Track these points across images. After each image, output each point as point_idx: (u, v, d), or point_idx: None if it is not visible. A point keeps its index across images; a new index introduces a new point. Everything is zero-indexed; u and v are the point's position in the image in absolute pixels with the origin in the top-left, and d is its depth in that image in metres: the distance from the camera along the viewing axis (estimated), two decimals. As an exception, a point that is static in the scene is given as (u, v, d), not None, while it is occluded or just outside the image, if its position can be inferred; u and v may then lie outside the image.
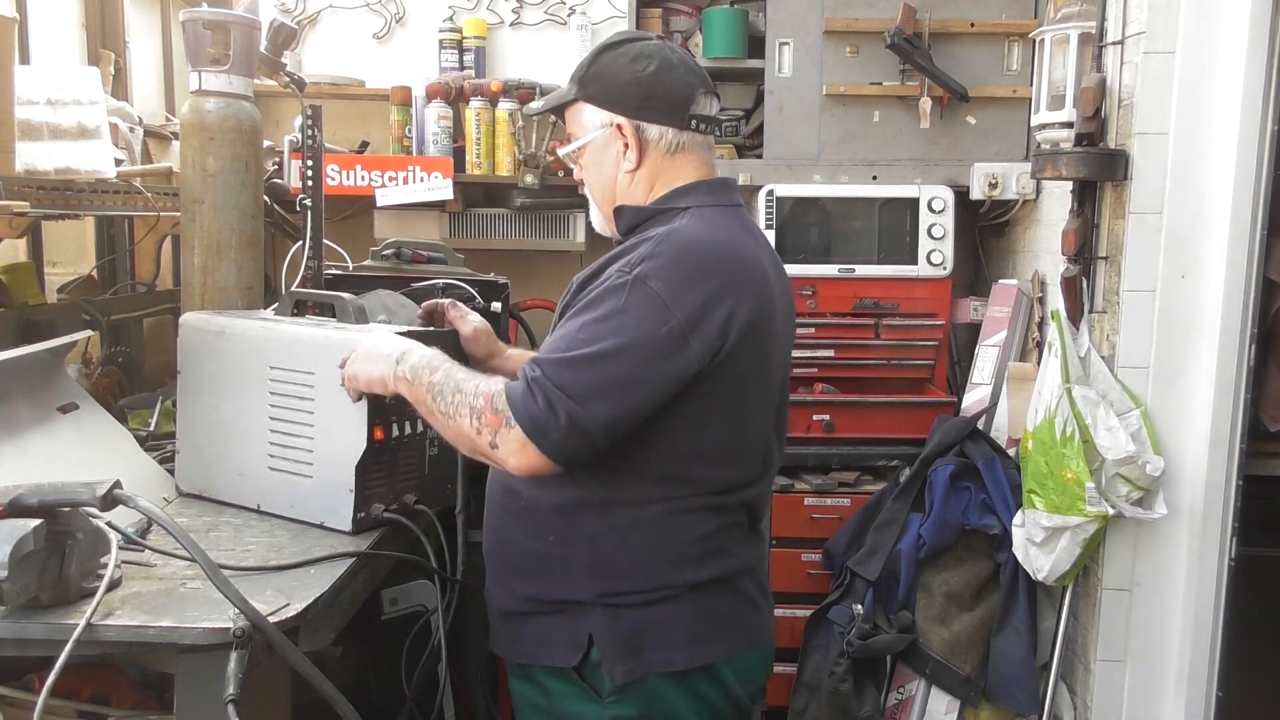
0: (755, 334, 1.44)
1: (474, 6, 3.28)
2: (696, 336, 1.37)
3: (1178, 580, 2.31)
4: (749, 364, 1.46)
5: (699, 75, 1.55)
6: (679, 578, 1.47)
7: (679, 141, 1.53)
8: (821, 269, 2.89)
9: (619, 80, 1.52)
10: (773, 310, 1.49)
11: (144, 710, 1.71)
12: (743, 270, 1.44)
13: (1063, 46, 2.43)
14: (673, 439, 1.44)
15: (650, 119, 1.52)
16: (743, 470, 1.53)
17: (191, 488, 1.93)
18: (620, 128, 1.52)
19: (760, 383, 1.51)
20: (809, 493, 2.78)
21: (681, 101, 1.52)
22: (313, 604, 1.46)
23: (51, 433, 1.84)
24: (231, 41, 2.08)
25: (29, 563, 1.31)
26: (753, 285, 1.45)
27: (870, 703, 2.52)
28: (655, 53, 1.53)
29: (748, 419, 1.50)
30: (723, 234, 1.47)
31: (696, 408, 1.43)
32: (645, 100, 1.51)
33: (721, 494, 1.50)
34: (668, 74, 1.51)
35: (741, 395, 1.47)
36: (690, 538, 1.47)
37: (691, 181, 1.54)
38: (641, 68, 1.51)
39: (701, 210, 1.50)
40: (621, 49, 1.54)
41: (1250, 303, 2.20)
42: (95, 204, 2.31)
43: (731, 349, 1.41)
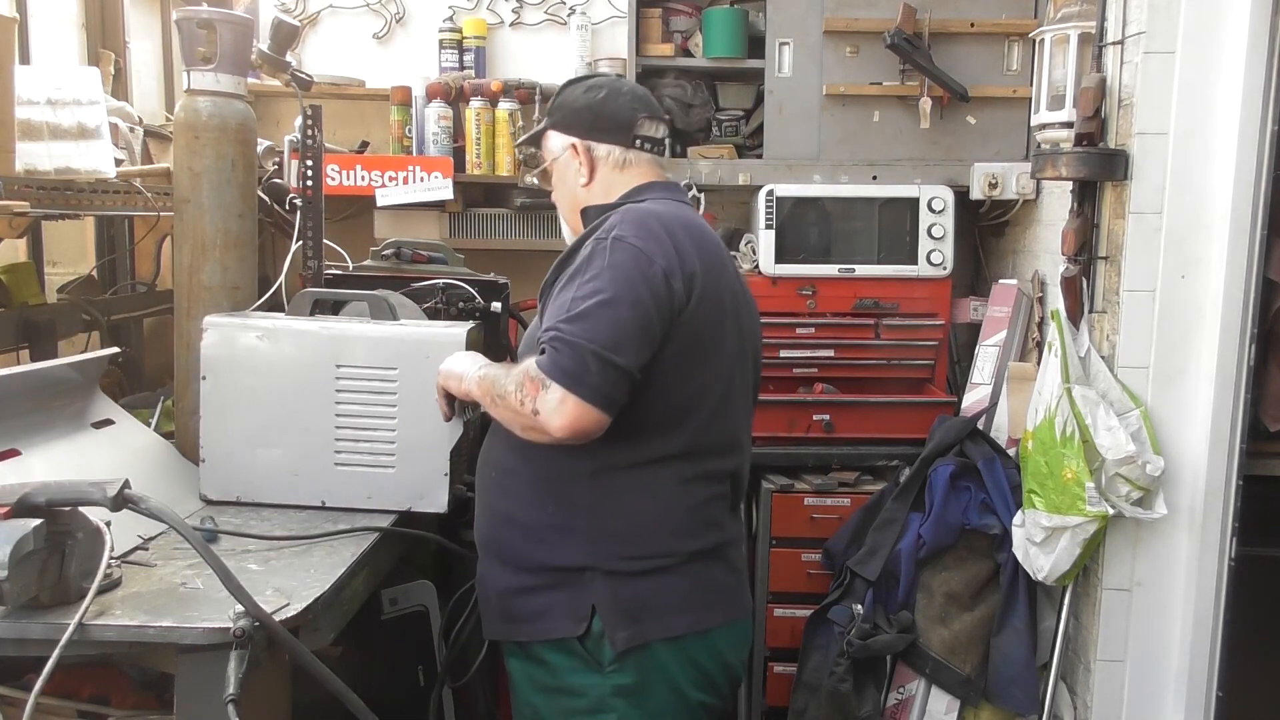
0: (710, 298, 1.60)
1: (474, 6, 3.28)
2: (675, 279, 1.54)
3: (1178, 580, 2.31)
4: (706, 326, 1.61)
5: (645, 103, 1.78)
6: (678, 546, 1.59)
7: (626, 158, 1.74)
8: (821, 269, 2.89)
9: (575, 106, 1.76)
10: (728, 287, 1.68)
11: (144, 710, 1.71)
12: (699, 240, 1.62)
13: (1063, 46, 2.43)
14: (652, 400, 1.55)
15: (599, 139, 1.74)
16: (720, 438, 1.66)
17: (223, 495, 1.95)
18: (575, 147, 1.74)
19: (718, 347, 1.64)
20: (809, 493, 2.78)
21: (626, 123, 1.73)
22: (313, 603, 1.46)
23: (85, 447, 1.87)
24: (219, 40, 2.08)
25: (29, 563, 1.31)
26: (708, 255, 1.63)
27: (870, 703, 2.52)
28: (606, 84, 1.77)
29: (711, 384, 1.63)
30: (682, 214, 1.68)
31: (669, 367, 1.56)
32: (594, 122, 1.74)
33: (705, 460, 1.63)
34: (614, 100, 1.75)
35: (703, 355, 1.61)
36: (686, 506, 1.60)
37: (648, 182, 1.74)
38: (592, 95, 1.75)
39: (660, 199, 1.70)
40: (581, 83, 1.79)
41: (1250, 303, 2.20)
42: (95, 204, 2.31)
43: (695, 304, 1.57)
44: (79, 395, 1.97)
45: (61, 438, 1.84)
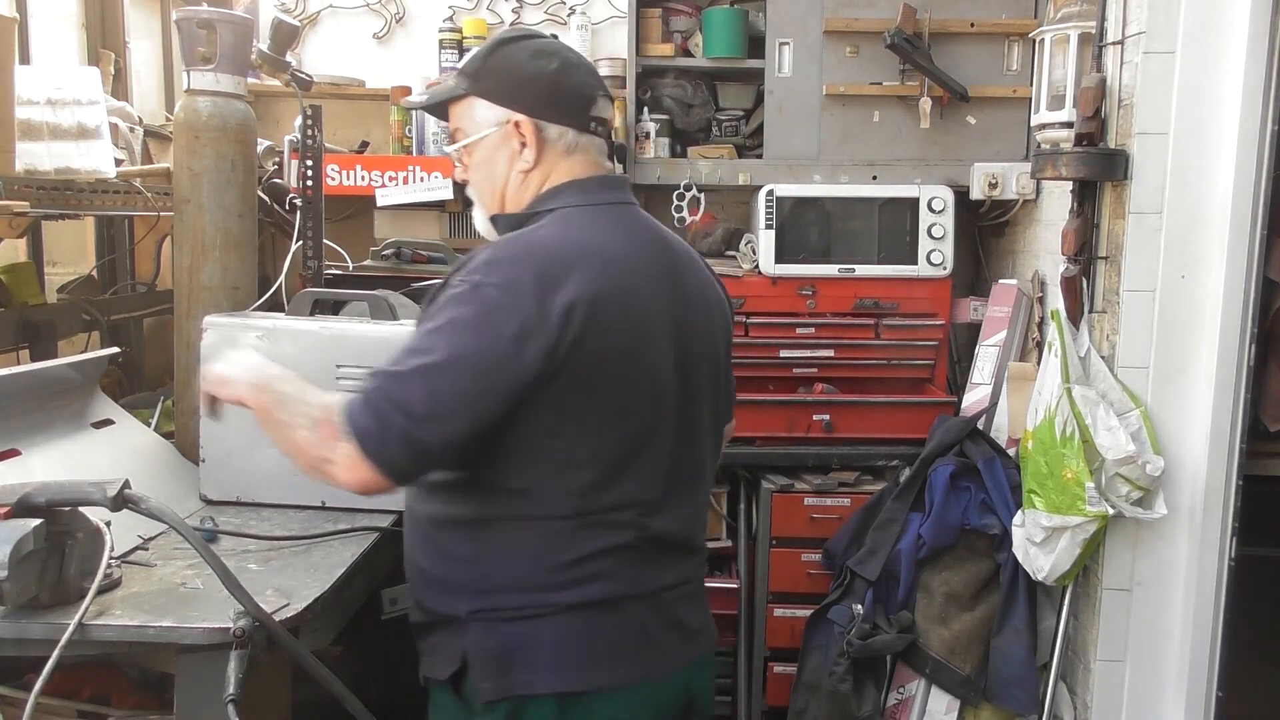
0: (609, 334, 1.36)
1: (474, 6, 3.28)
2: (533, 340, 1.31)
3: (1178, 580, 2.31)
4: (609, 368, 1.37)
5: (597, 77, 1.55)
6: (548, 599, 1.39)
7: (578, 142, 1.49)
8: (821, 269, 2.89)
9: (519, 76, 1.47)
10: (640, 310, 1.41)
11: (144, 710, 1.71)
12: (588, 265, 1.36)
13: (1063, 46, 2.43)
14: (531, 450, 1.38)
15: (552, 118, 1.48)
16: (627, 487, 1.41)
17: (223, 495, 1.95)
18: (519, 125, 1.47)
19: (632, 388, 1.40)
20: (809, 493, 2.78)
21: (584, 102, 1.49)
22: (313, 603, 1.47)
23: (85, 447, 1.87)
24: (219, 40, 2.08)
25: (29, 563, 1.31)
26: (605, 282, 1.36)
27: (870, 703, 2.52)
28: (557, 50, 1.50)
29: (620, 428, 1.40)
30: (575, 232, 1.42)
31: (550, 415, 1.36)
32: (549, 97, 1.47)
33: (602, 512, 1.40)
34: (570, 73, 1.49)
35: (603, 401, 1.38)
36: (563, 559, 1.39)
37: (568, 181, 1.48)
38: (544, 65, 1.47)
39: (564, 212, 1.45)
40: (521, 44, 1.49)
41: (1250, 303, 2.19)
42: (95, 204, 2.31)
43: (577, 349, 1.33)
44: (79, 395, 1.97)
45: (61, 438, 1.85)
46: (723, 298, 1.63)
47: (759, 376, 2.94)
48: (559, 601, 1.39)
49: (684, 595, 1.51)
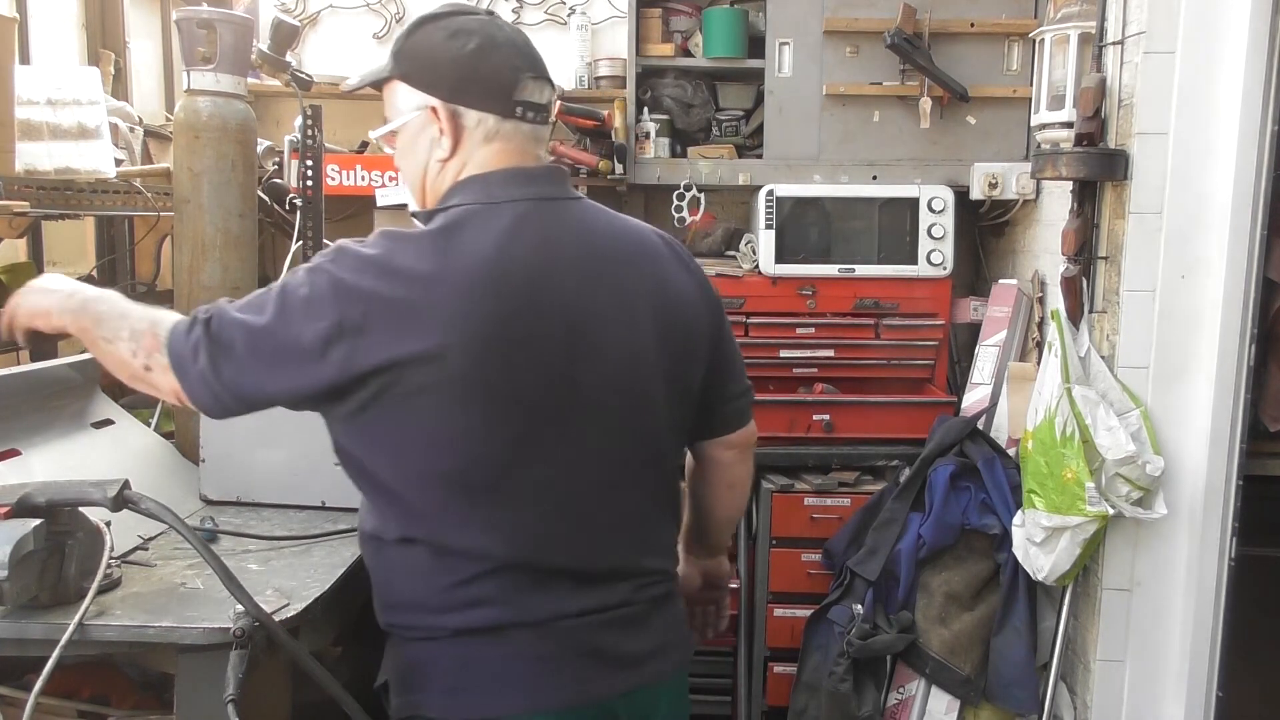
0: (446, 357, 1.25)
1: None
2: (338, 346, 1.24)
3: (1178, 580, 2.31)
4: (443, 390, 1.26)
5: (528, 57, 1.39)
6: (438, 622, 1.34)
7: (500, 129, 1.37)
8: (821, 269, 2.89)
9: (435, 58, 1.37)
10: (500, 329, 1.27)
11: (144, 710, 1.71)
12: (430, 289, 1.26)
13: (1063, 46, 2.43)
14: (390, 472, 1.33)
15: (468, 103, 1.36)
16: (489, 513, 1.31)
17: (223, 495, 1.95)
18: (435, 111, 1.36)
19: (496, 405, 1.28)
20: (809, 493, 2.78)
21: (504, 85, 1.36)
22: (313, 603, 1.46)
23: (85, 447, 1.87)
24: (219, 40, 2.08)
25: (29, 563, 1.31)
26: (447, 307, 1.25)
27: (870, 703, 2.52)
28: (478, 29, 1.37)
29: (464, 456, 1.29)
30: (438, 235, 1.31)
31: (386, 435, 1.30)
32: (463, 82, 1.36)
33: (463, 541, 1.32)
34: (490, 54, 1.36)
35: (460, 416, 1.27)
36: (444, 582, 1.33)
37: (480, 173, 1.37)
38: (460, 45, 1.36)
39: (453, 211, 1.34)
40: (441, 23, 1.38)
41: (1250, 303, 2.19)
42: (95, 204, 2.31)
43: (398, 370, 1.25)
44: (79, 395, 1.97)
45: (61, 438, 1.85)
46: (695, 301, 1.47)
47: (759, 376, 2.92)
48: (447, 625, 1.34)
49: (606, 623, 1.38)
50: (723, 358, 1.53)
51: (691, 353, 1.46)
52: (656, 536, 1.48)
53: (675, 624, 1.49)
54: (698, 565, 1.77)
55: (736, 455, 1.63)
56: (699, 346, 1.47)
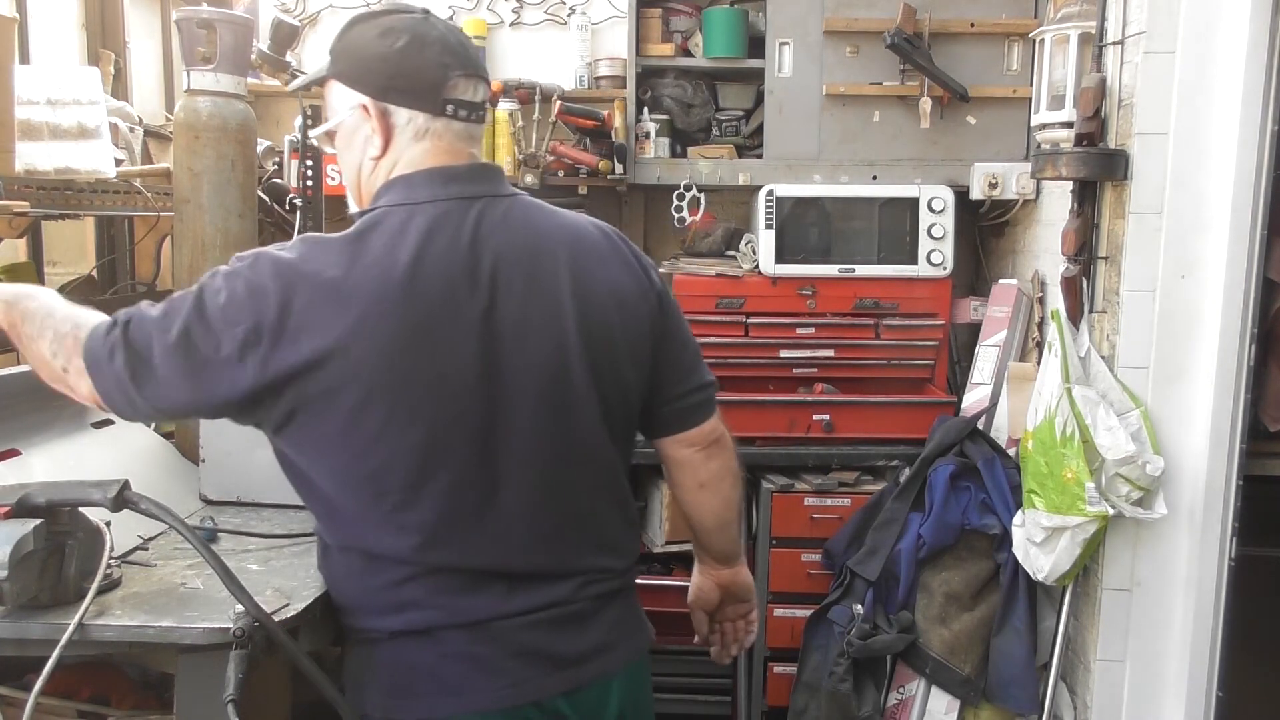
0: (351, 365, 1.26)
1: (474, 6, 3.27)
2: (254, 352, 1.25)
3: (1178, 580, 2.31)
4: (350, 395, 1.26)
5: (460, 55, 1.38)
6: (375, 624, 1.36)
7: (430, 128, 1.37)
8: (821, 269, 2.89)
9: (365, 56, 1.38)
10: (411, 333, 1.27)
11: (144, 710, 1.71)
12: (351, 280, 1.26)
13: (1063, 46, 2.43)
14: (314, 476, 1.34)
15: (397, 101, 1.36)
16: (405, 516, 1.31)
17: (223, 495, 1.95)
18: (366, 109, 1.37)
19: (405, 408, 1.28)
20: (809, 493, 2.78)
21: (433, 83, 1.36)
22: (313, 603, 1.46)
23: (85, 447, 1.87)
24: (219, 40, 2.08)
25: (29, 563, 1.31)
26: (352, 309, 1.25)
27: (870, 703, 2.52)
28: (407, 27, 1.37)
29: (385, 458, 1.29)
30: (353, 239, 1.31)
31: (308, 440, 1.31)
32: (392, 79, 1.36)
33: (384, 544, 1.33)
34: (419, 52, 1.36)
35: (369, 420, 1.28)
36: (375, 584, 1.34)
37: (407, 173, 1.37)
38: (389, 43, 1.36)
39: (375, 213, 1.35)
40: (373, 21, 1.40)
41: (1250, 303, 2.19)
42: (95, 204, 2.31)
43: (305, 375, 1.25)
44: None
45: (61, 438, 1.85)
46: (633, 296, 1.45)
47: (759, 376, 2.94)
48: (383, 628, 1.35)
49: (542, 622, 1.37)
50: (670, 354, 1.51)
51: (627, 349, 1.44)
52: (600, 534, 1.45)
53: (623, 620, 1.48)
54: (710, 576, 1.73)
55: (701, 453, 1.59)
56: (637, 343, 1.45)
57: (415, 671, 1.35)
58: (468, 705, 1.34)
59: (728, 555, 1.72)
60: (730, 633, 1.78)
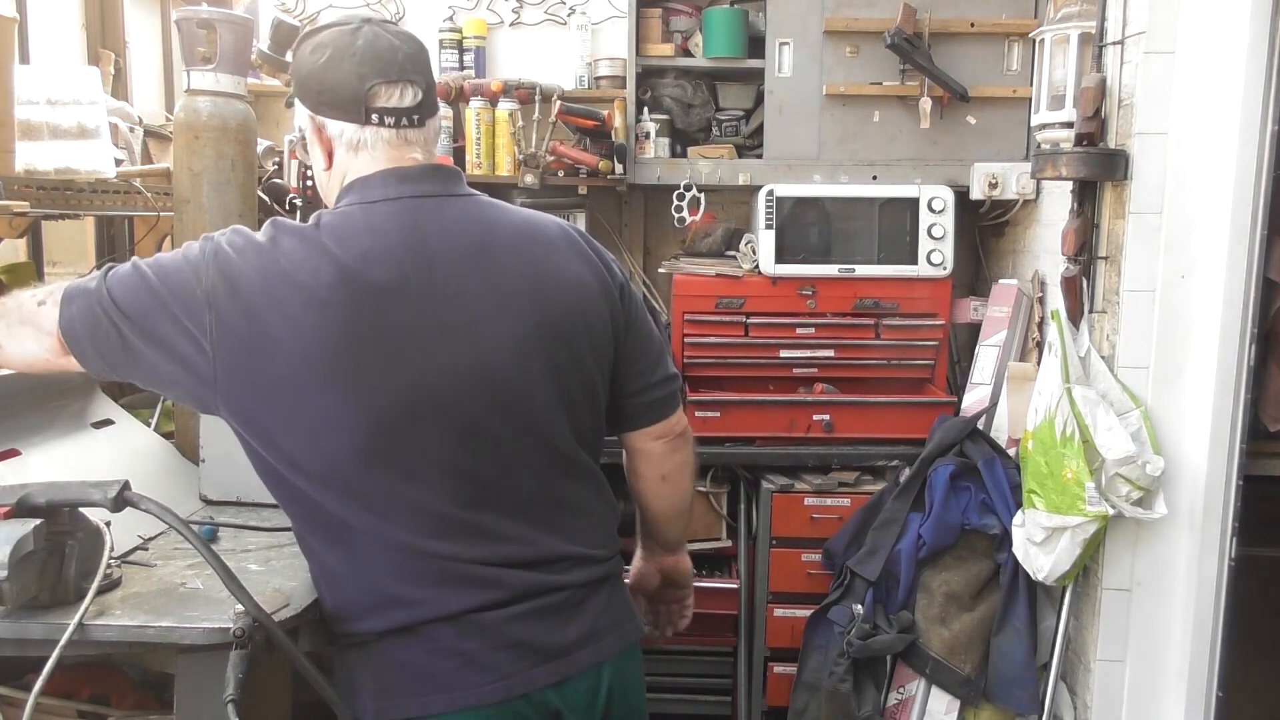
0: (304, 360, 1.28)
1: (474, 6, 3.27)
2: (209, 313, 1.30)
3: (1178, 580, 2.31)
4: (326, 373, 1.29)
5: (381, 64, 1.38)
6: (360, 627, 1.38)
7: (360, 138, 1.40)
8: (821, 269, 2.89)
9: (302, 74, 1.43)
10: (377, 321, 1.31)
11: (144, 710, 1.71)
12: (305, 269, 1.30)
13: (1063, 46, 2.43)
14: (282, 456, 1.34)
15: (328, 114, 1.41)
16: (386, 510, 1.34)
17: (223, 495, 1.95)
18: (312, 121, 1.44)
19: (359, 399, 1.30)
20: (809, 493, 2.78)
21: (352, 95, 1.38)
22: (313, 604, 1.46)
23: (85, 447, 1.87)
24: (219, 40, 2.08)
25: (29, 563, 1.31)
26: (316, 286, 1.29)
27: (870, 703, 2.52)
28: (331, 41, 1.40)
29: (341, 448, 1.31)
30: (311, 230, 1.35)
31: (262, 424, 1.33)
32: (320, 94, 1.41)
33: (372, 536, 1.34)
34: (338, 65, 1.38)
35: (325, 410, 1.30)
36: (359, 585, 1.36)
37: (364, 175, 1.41)
38: (315, 59, 1.40)
39: (337, 209, 1.40)
40: (309, 39, 1.44)
41: (1250, 303, 2.19)
42: (95, 204, 2.31)
43: (261, 359, 1.29)
44: (78, 395, 1.97)
45: (61, 438, 1.85)
46: (593, 291, 1.47)
47: (759, 376, 2.94)
48: (368, 629, 1.37)
49: (530, 613, 1.38)
50: (633, 348, 1.54)
51: (587, 340, 1.45)
52: (578, 520, 1.46)
53: (611, 607, 1.49)
54: (654, 562, 1.78)
55: (665, 446, 1.62)
56: (597, 334, 1.47)
57: (405, 670, 1.36)
58: (458, 702, 1.35)
59: (675, 544, 1.78)
60: (665, 615, 1.85)
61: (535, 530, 1.41)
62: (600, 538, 1.50)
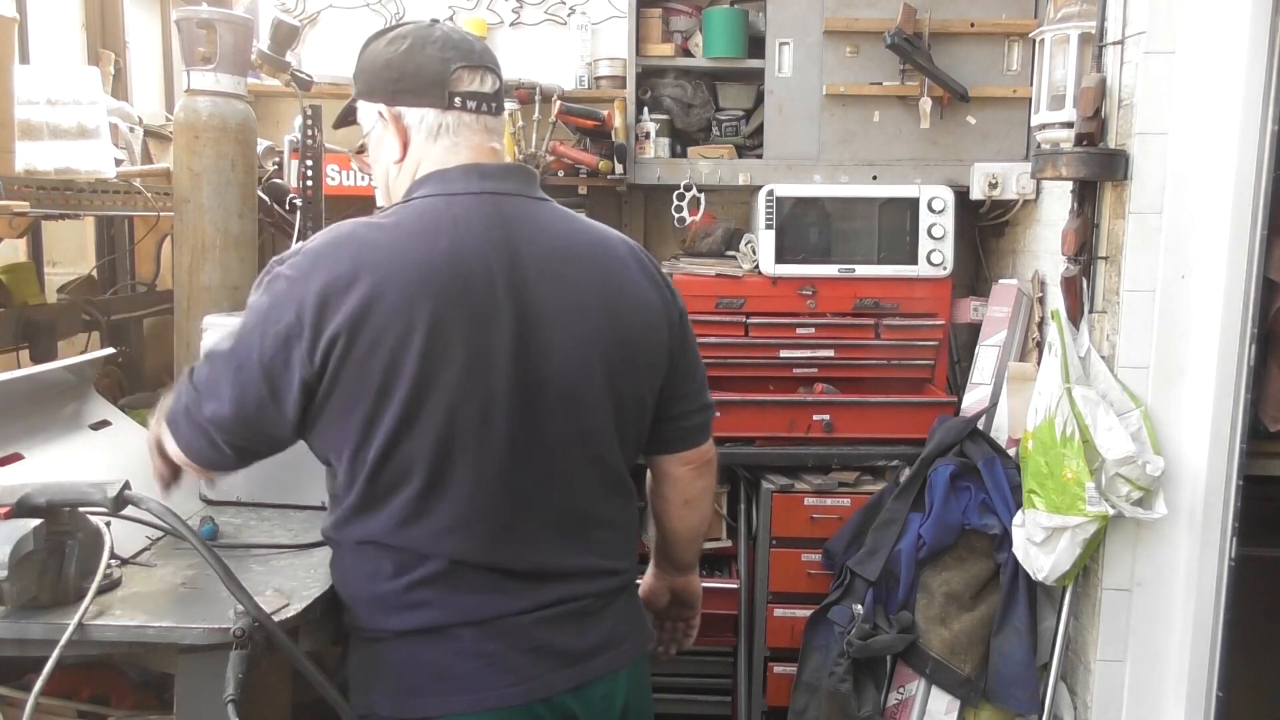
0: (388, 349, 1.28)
1: (474, 6, 3.28)
2: (307, 332, 1.27)
3: (1178, 580, 2.31)
4: (384, 385, 1.29)
5: (463, 50, 1.40)
6: (383, 624, 1.38)
7: (442, 123, 1.40)
8: (821, 269, 2.89)
9: (375, 66, 1.43)
10: (451, 320, 1.30)
11: (144, 710, 1.71)
12: (384, 268, 1.29)
13: (1063, 46, 2.43)
14: (329, 451, 1.36)
15: (407, 102, 1.41)
16: (436, 515, 1.33)
17: (222, 495, 1.95)
18: (383, 115, 1.43)
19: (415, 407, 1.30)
20: (809, 493, 2.78)
21: (435, 78, 1.38)
22: (313, 604, 1.46)
23: (85, 449, 1.87)
24: (219, 40, 2.08)
25: (29, 563, 1.31)
26: (387, 295, 1.28)
27: (870, 703, 2.52)
28: (411, 32, 1.42)
29: (404, 446, 1.31)
30: (391, 233, 1.33)
31: (339, 431, 1.32)
32: (398, 81, 1.40)
33: (416, 539, 1.34)
34: (420, 50, 1.39)
35: (377, 417, 1.30)
36: (389, 586, 1.36)
37: (442, 168, 1.40)
38: (394, 49, 1.41)
39: (413, 203, 1.38)
40: (382, 36, 1.45)
41: (1250, 303, 2.19)
42: (95, 204, 2.31)
43: (344, 358, 1.28)
44: (74, 397, 1.97)
45: (60, 440, 1.85)
46: (656, 310, 1.46)
47: (759, 376, 2.94)
48: (391, 628, 1.37)
49: (552, 618, 1.39)
50: (682, 372, 1.53)
51: (645, 360, 1.46)
52: (607, 534, 1.47)
53: (627, 616, 1.50)
54: (666, 580, 1.77)
55: (692, 472, 1.62)
56: (655, 356, 1.47)
57: (427, 670, 1.36)
58: (480, 703, 1.35)
59: (689, 565, 1.76)
60: (670, 633, 1.83)
61: (571, 542, 1.42)
62: (623, 550, 1.51)
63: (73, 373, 1.95)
